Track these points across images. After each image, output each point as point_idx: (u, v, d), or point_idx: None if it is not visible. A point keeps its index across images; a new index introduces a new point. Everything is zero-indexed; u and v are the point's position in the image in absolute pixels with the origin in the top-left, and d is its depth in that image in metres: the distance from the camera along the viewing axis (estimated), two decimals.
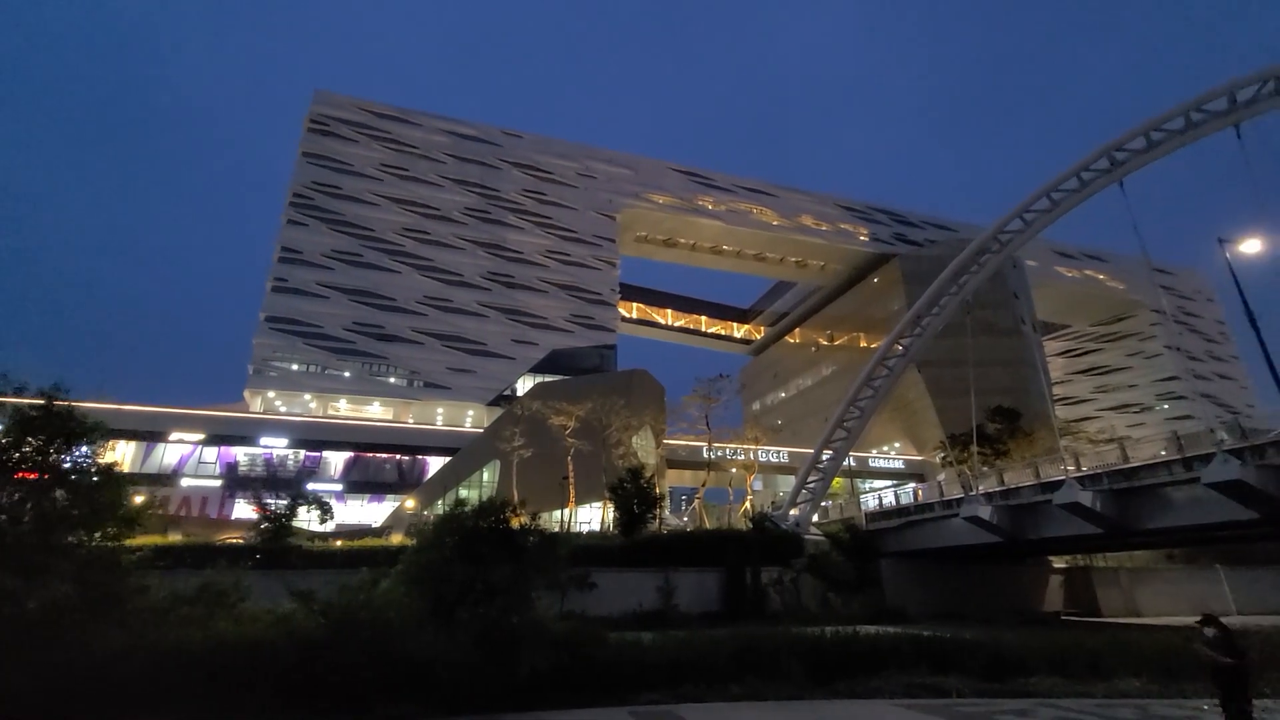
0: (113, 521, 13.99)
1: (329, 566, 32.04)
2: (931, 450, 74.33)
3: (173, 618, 13.95)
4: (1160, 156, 41.37)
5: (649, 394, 64.74)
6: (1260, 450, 22.19)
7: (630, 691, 14.16)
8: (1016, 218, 46.44)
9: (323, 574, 25.86)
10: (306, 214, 75.49)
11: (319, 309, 72.00)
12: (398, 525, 50.01)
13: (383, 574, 17.48)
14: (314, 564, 32.97)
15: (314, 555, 34.85)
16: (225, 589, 16.40)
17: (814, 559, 39.86)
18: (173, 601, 14.90)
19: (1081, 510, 27.72)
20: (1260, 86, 36.96)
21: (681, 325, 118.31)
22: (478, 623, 14.55)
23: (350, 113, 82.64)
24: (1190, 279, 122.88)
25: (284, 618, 14.25)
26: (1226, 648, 9.17)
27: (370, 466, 65.87)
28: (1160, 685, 15.19)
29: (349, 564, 30.86)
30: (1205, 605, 44.61)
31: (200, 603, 15.39)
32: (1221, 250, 33.22)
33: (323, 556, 34.82)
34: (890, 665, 16.21)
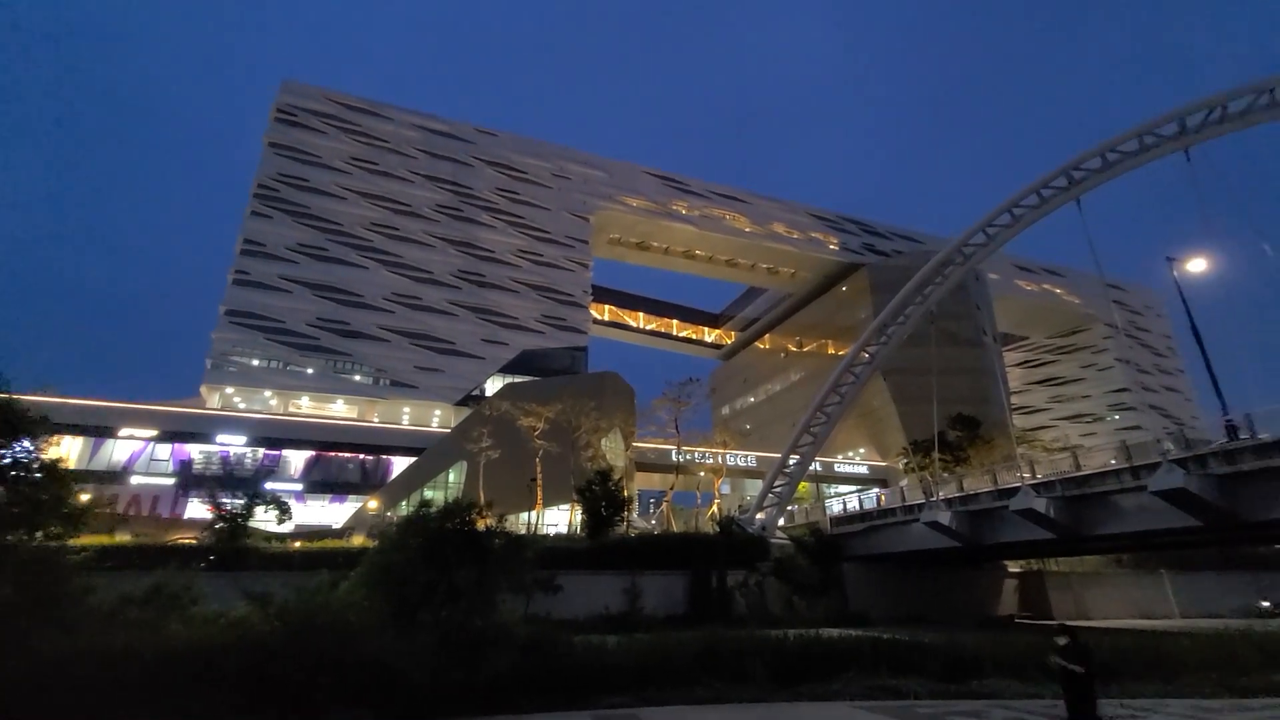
0: (55, 520, 13.40)
1: (287, 568, 31.22)
2: (895, 456, 75.88)
3: (121, 620, 13.42)
4: (1115, 176, 43.07)
5: (619, 396, 64.71)
6: (1202, 460, 23.22)
7: (594, 694, 14.10)
8: (980, 232, 47.80)
9: (280, 576, 25.17)
10: (271, 206, 73.53)
11: (282, 303, 70.13)
12: (360, 527, 48.93)
13: (343, 576, 17.13)
14: (271, 566, 32.08)
15: (271, 557, 33.90)
16: (177, 591, 15.84)
17: (779, 562, 40.30)
18: (121, 604, 14.34)
19: (1036, 516, 28.61)
20: (1208, 113, 38.81)
21: (653, 329, 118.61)
22: (440, 626, 14.34)
23: (319, 104, 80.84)
24: (1141, 295, 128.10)
25: (238, 621, 13.83)
26: (1077, 656, 9.61)
27: (332, 466, 64.36)
28: (1105, 686, 15.72)
29: (308, 566, 30.13)
30: (1150, 609, 46.62)
31: (150, 605, 14.85)
32: (1170, 268, 34.72)
33: (280, 558, 33.89)
34: (851, 668, 16.45)
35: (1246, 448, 22.17)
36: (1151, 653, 17.86)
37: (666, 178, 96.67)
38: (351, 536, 44.63)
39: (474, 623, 14.49)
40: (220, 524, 34.57)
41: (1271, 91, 36.55)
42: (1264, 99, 36.82)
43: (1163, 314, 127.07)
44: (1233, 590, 48.58)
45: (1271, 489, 21.88)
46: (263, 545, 35.46)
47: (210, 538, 34.52)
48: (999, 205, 47.23)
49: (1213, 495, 22.55)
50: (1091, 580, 48.21)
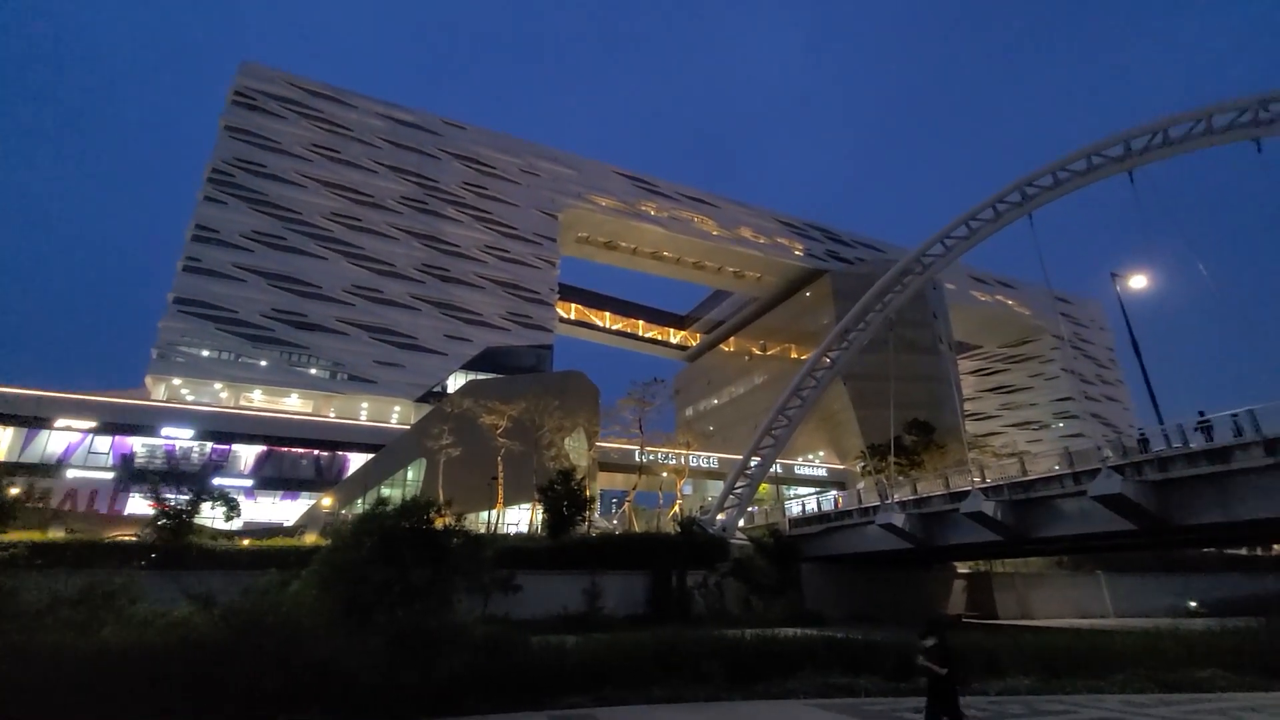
0: None
1: (234, 567, 30.17)
2: (853, 459, 77.56)
3: (50, 621, 12.73)
4: (1065, 194, 44.97)
5: (584, 396, 64.52)
6: (1138, 467, 24.42)
7: (551, 695, 14.02)
8: (938, 242, 49.28)
9: (226, 575, 24.30)
10: (226, 191, 70.88)
11: (235, 292, 67.67)
12: (312, 524, 47.58)
13: (294, 575, 16.64)
14: (217, 564, 30.94)
15: (218, 555, 32.72)
16: (114, 590, 15.12)
17: (739, 563, 40.77)
18: (52, 603, 13.61)
19: (985, 519, 29.63)
20: (1151, 137, 40.83)
21: (619, 329, 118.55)
22: (394, 626, 14.06)
23: (279, 88, 78.28)
24: (1086, 308, 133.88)
25: (179, 622, 13.30)
26: (941, 657, 9.52)
27: (285, 462, 62.41)
28: (1045, 682, 16.40)
29: (256, 565, 29.17)
30: (1088, 608, 48.72)
31: (84, 605, 14.13)
32: (1113, 283, 36.40)
33: (227, 556, 32.74)
34: (806, 666, 16.74)
35: (1178, 455, 23.40)
36: (1087, 650, 18.67)
37: (636, 178, 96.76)
38: (304, 535, 43.41)
39: (429, 623, 14.25)
40: (163, 520, 33.20)
41: (1209, 119, 38.68)
42: (1201, 125, 38.94)
43: (1105, 327, 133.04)
44: (1163, 591, 51.20)
45: (1199, 495, 23.16)
46: (209, 543, 34.21)
47: (152, 535, 33.11)
48: (957, 218, 48.76)
49: (1147, 500, 23.73)
50: (1034, 581, 50.15)
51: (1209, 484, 22.73)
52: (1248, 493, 21.69)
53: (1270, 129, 36.18)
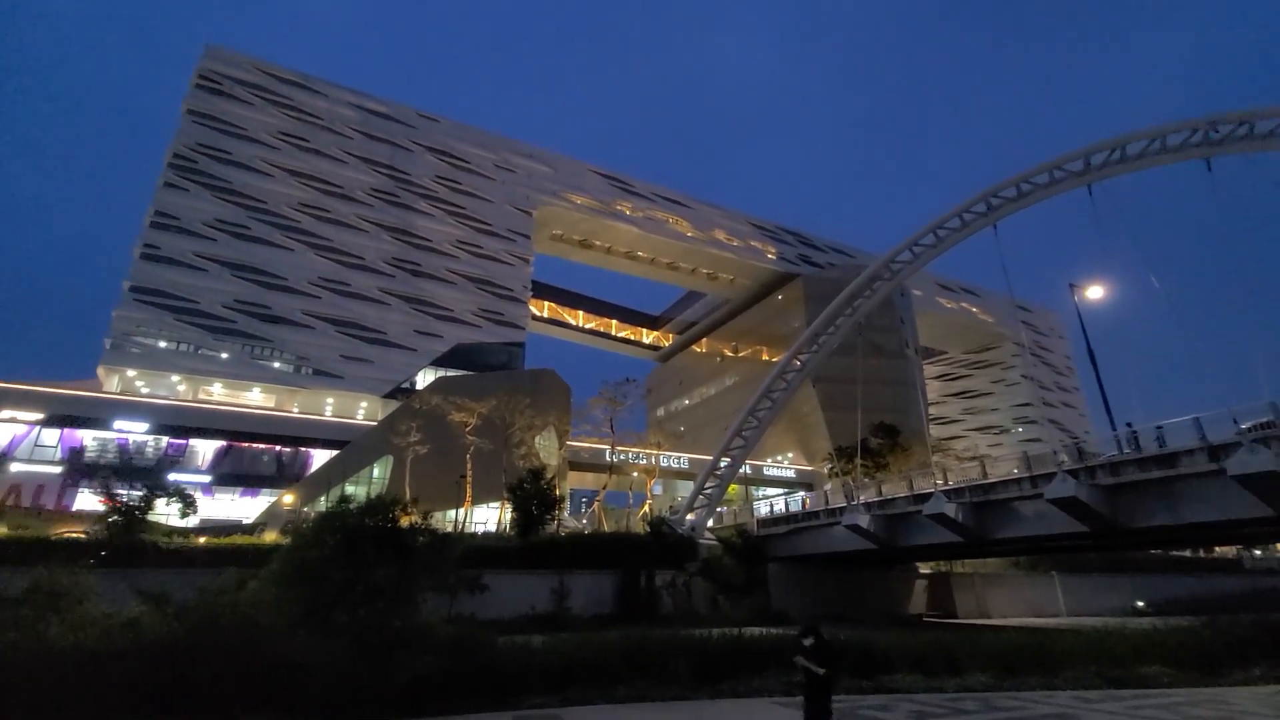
0: None
1: (190, 566, 29.34)
2: (821, 461, 78.70)
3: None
4: (1029, 205, 46.32)
5: (555, 394, 64.23)
6: (1092, 471, 25.31)
7: (517, 695, 13.92)
8: (906, 249, 50.31)
9: (182, 574, 23.59)
10: (188, 178, 68.62)
11: (195, 282, 65.55)
12: (273, 522, 46.42)
13: (252, 574, 16.19)
14: (172, 563, 30.03)
15: (172, 553, 31.72)
16: (61, 589, 14.51)
17: (707, 563, 41.03)
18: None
19: (947, 521, 30.37)
20: (1109, 153, 42.34)
21: (592, 328, 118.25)
22: (357, 626, 13.79)
23: (246, 72, 76.10)
24: (1046, 317, 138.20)
25: (131, 622, 12.83)
26: (820, 657, 9.46)
27: (245, 457, 60.77)
28: (1001, 679, 16.88)
29: (214, 563, 28.38)
30: (1042, 607, 50.27)
31: (27, 604, 13.53)
32: (1071, 294, 37.63)
33: (183, 555, 31.77)
34: (772, 665, 16.91)
35: (1129, 461, 24.31)
36: (1040, 648, 19.27)
37: (612, 177, 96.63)
38: (264, 532, 42.33)
39: (393, 623, 14.02)
40: (114, 517, 32.02)
41: (1164, 138, 40.28)
42: (1156, 144, 40.54)
43: (1064, 336, 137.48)
44: (1112, 591, 53.17)
45: (1148, 499, 24.11)
46: (163, 541, 33.10)
47: (102, 532, 31.91)
48: (925, 226, 49.85)
49: (1099, 503, 24.61)
50: (992, 581, 51.56)
51: (1157, 488, 23.68)
52: (1192, 497, 22.65)
53: (1219, 148, 37.85)
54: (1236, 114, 37.42)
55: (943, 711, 13.13)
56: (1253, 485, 20.00)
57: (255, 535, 41.18)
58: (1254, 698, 14.85)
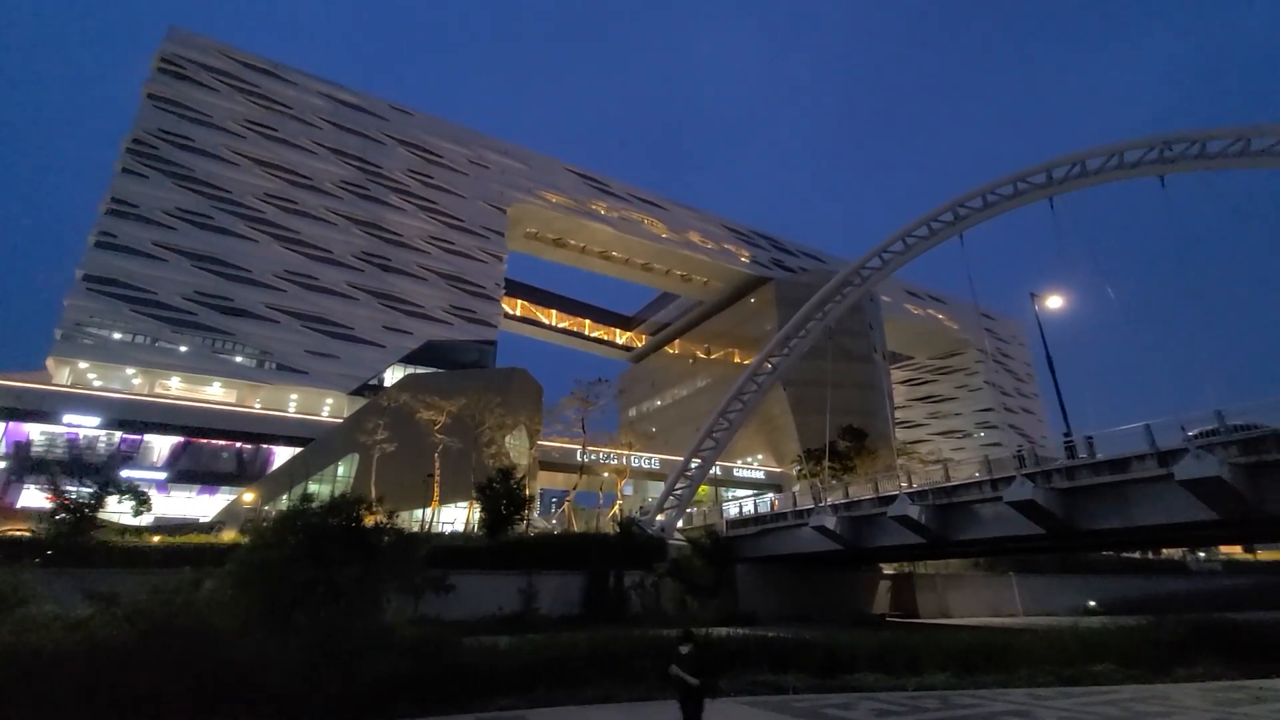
0: None
1: (143, 565, 28.29)
2: (790, 463, 79.63)
3: None
4: (994, 215, 47.56)
5: (527, 393, 63.74)
6: (1048, 475, 26.11)
7: (482, 697, 13.78)
8: (876, 256, 51.22)
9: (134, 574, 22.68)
10: (147, 164, 66.31)
11: (153, 272, 63.37)
12: (232, 521, 45.08)
13: (209, 574, 15.68)
14: (123, 562, 28.95)
15: (124, 552, 30.58)
16: (4, 590, 13.89)
17: (676, 563, 41.13)
18: None
19: (911, 522, 30.98)
20: (1070, 167, 43.76)
21: (565, 327, 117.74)
22: (318, 627, 13.48)
23: (211, 58, 73.88)
24: (1008, 325, 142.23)
25: (79, 624, 12.32)
26: (695, 666, 9.30)
27: (204, 454, 58.99)
28: (960, 678, 17.31)
29: (168, 563, 27.42)
30: (1000, 607, 51.62)
31: None
32: (1032, 303, 38.78)
33: (135, 554, 30.65)
34: (737, 664, 17.08)
35: (1083, 465, 25.16)
36: (997, 647, 19.83)
37: (587, 176, 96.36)
38: (222, 531, 41.06)
39: (355, 624, 13.74)
40: (62, 514, 30.76)
41: (1122, 154, 41.79)
42: (1115, 160, 42.03)
43: (1024, 343, 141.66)
44: (1067, 591, 54.91)
45: (1101, 503, 24.97)
46: (114, 540, 31.91)
47: (49, 530, 30.61)
48: (894, 233, 50.83)
49: (1055, 506, 25.40)
50: (953, 582, 52.79)
51: (1109, 492, 24.53)
52: (1142, 501, 23.53)
53: (1173, 166, 39.43)
54: (1189, 134, 39.03)
55: (903, 709, 13.41)
56: (1198, 490, 20.86)
57: (213, 534, 39.94)
58: (1197, 693, 15.50)
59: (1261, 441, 20.23)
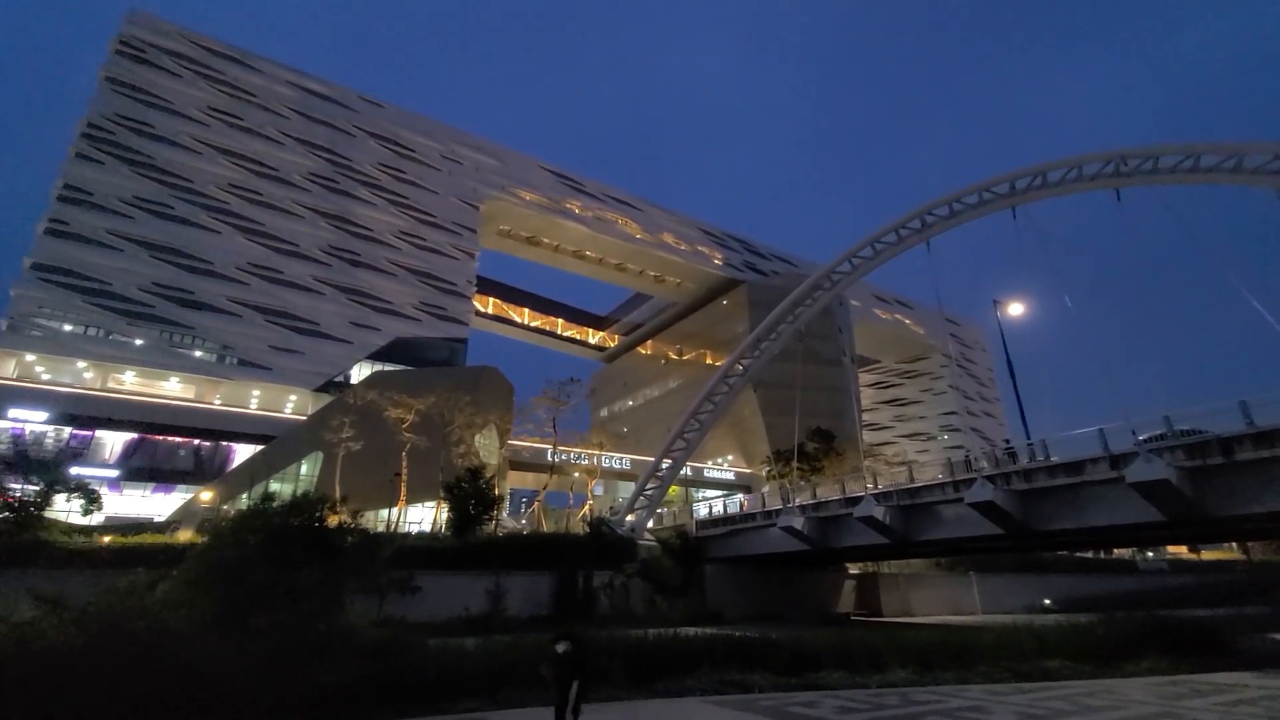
0: None
1: (93, 566, 27.26)
2: (759, 464, 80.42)
3: None
4: (960, 223, 48.74)
5: (498, 392, 63.17)
6: (1007, 477, 26.91)
7: (447, 699, 13.62)
8: (846, 261, 52.07)
9: (84, 575, 21.91)
10: (103, 150, 63.87)
11: (108, 262, 61.05)
12: (188, 520, 43.71)
13: (163, 575, 15.18)
14: (71, 563, 27.89)
15: (72, 553, 29.44)
16: None
17: (645, 563, 41.24)
18: None
19: (875, 523, 31.61)
20: (1032, 179, 45.11)
21: (537, 326, 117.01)
22: (277, 630, 13.13)
23: (174, 42, 71.52)
24: (972, 331, 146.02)
25: (22, 626, 11.79)
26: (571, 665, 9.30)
27: (159, 451, 57.09)
28: (920, 675, 17.71)
29: (120, 564, 26.46)
30: (960, 606, 52.92)
31: None
32: (994, 310, 39.89)
33: (84, 555, 29.53)
34: (704, 664, 17.19)
35: (1040, 468, 25.99)
36: (957, 645, 20.35)
37: (562, 175, 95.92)
38: (177, 531, 39.80)
39: (317, 626, 13.44)
40: (5, 513, 29.45)
41: (1081, 167, 43.24)
42: (1074, 173, 43.47)
43: (987, 348, 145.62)
44: (1023, 590, 56.61)
45: (1057, 504, 25.83)
46: (62, 539, 30.69)
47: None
48: (864, 239, 51.75)
49: (1013, 507, 26.20)
50: (915, 581, 53.98)
51: (1065, 494, 25.40)
52: (1095, 502, 24.41)
53: (1128, 180, 40.95)
54: (1143, 149, 40.59)
55: (865, 706, 13.67)
56: (1147, 492, 21.71)
57: (168, 534, 38.68)
58: (1143, 688, 16.14)
59: (1205, 446, 21.15)
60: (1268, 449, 19.70)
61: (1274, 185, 33.52)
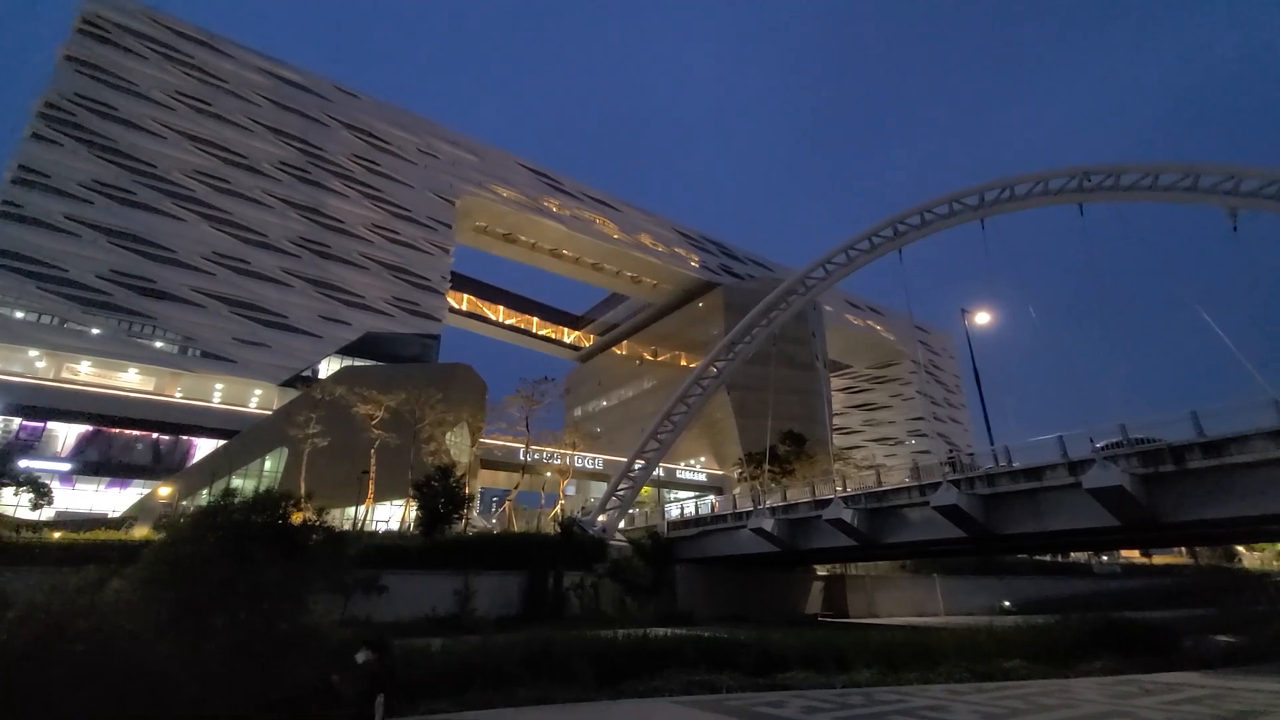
0: None
1: (41, 563, 26.17)
2: (732, 466, 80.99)
3: None
4: (931, 233, 49.72)
5: (470, 390, 62.53)
6: (970, 482, 27.57)
7: (412, 701, 13.41)
8: (820, 267, 52.76)
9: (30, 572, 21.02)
10: (62, 131, 61.49)
11: (64, 247, 58.76)
12: (145, 516, 42.36)
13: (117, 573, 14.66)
14: (18, 560, 26.76)
15: (19, 549, 28.28)
16: None
17: (616, 564, 41.22)
18: None
19: (844, 525, 32.09)
20: (1000, 191, 46.27)
21: (512, 324, 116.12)
22: (238, 630, 12.79)
23: (140, 23, 69.22)
24: (940, 338, 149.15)
25: None
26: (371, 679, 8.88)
27: (115, 445, 55.19)
28: (884, 675, 18.03)
29: (71, 560, 25.37)
30: (924, 607, 53.99)
31: None
32: (962, 318, 40.83)
33: (32, 551, 28.40)
34: (673, 665, 17.25)
35: (1003, 473, 26.69)
36: (920, 645, 20.79)
37: (540, 173, 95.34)
38: (133, 528, 38.53)
39: (278, 626, 13.12)
40: None
41: (1046, 182, 44.51)
42: (1040, 187, 44.72)
43: (954, 356, 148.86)
44: (984, 592, 58.04)
45: (1018, 508, 26.53)
46: (8, 535, 29.46)
47: None
48: (837, 245, 52.50)
49: (977, 511, 26.84)
50: (881, 583, 54.96)
51: (1025, 499, 26.10)
52: (1054, 507, 25.14)
53: (1091, 196, 42.27)
54: (1106, 166, 41.94)
55: (830, 706, 13.87)
56: (1103, 498, 22.43)
57: (123, 530, 37.41)
58: (1095, 687, 16.67)
59: (1158, 454, 21.94)
60: (1215, 458, 20.51)
61: (1225, 205, 34.94)
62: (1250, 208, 34.24)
